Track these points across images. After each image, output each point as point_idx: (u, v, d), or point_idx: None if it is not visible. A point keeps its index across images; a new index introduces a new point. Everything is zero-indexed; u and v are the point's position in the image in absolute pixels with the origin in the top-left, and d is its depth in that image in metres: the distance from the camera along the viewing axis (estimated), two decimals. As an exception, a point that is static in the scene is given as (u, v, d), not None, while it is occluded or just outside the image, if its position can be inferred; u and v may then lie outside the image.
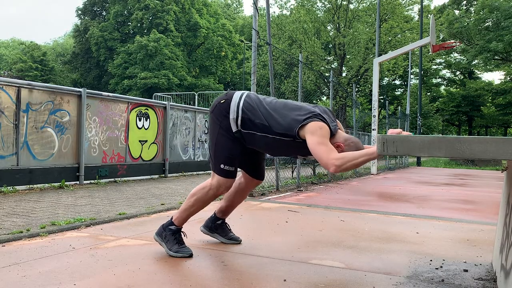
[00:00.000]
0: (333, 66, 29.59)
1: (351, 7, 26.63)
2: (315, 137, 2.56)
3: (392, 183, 9.79)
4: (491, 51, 28.43)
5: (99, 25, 39.68)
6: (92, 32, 39.21)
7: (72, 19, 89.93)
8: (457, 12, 35.96)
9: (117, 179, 7.64)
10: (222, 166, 2.80)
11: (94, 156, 7.27)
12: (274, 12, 53.55)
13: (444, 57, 40.26)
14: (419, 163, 22.90)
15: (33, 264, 2.55)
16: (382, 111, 25.79)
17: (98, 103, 7.38)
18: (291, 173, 9.55)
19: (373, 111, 12.49)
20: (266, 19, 7.19)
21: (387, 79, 36.74)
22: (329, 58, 31.26)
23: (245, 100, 2.81)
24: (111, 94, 7.88)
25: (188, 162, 9.96)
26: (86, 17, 42.19)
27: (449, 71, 44.30)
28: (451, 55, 40.28)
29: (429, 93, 43.06)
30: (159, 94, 19.74)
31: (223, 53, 41.56)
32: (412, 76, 31.18)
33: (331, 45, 29.19)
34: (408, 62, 26.61)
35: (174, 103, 10.07)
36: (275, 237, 3.52)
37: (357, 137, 14.29)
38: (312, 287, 2.34)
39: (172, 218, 2.94)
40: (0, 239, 3.04)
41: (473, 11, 34.48)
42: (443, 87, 45.85)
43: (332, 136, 2.65)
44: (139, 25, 39.86)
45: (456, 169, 18.99)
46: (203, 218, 3.64)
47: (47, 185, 6.37)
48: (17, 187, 5.89)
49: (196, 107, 11.86)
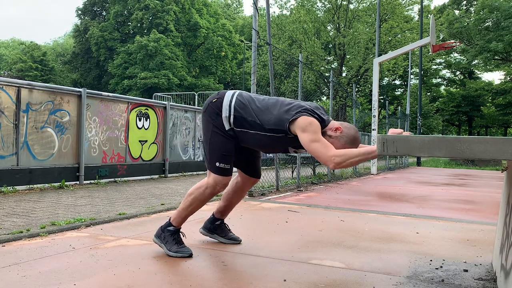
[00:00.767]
0: (333, 66, 29.60)
1: (351, 7, 26.64)
2: (307, 134, 2.57)
3: (392, 183, 9.79)
4: (491, 51, 28.44)
5: (99, 25, 39.69)
6: (92, 32, 39.22)
7: (72, 19, 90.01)
8: (457, 12, 35.97)
9: (117, 179, 7.64)
10: (217, 164, 2.81)
11: (94, 156, 7.27)
12: (274, 12, 53.56)
13: (444, 57, 40.27)
14: (419, 163, 22.90)
15: (33, 264, 2.55)
16: (382, 111, 25.80)
17: (98, 103, 7.38)
18: (291, 173, 9.55)
19: (373, 111, 12.48)
20: (266, 19, 7.19)
21: (387, 79, 36.75)
22: (329, 58, 31.27)
23: (237, 98, 2.83)
24: (111, 94, 7.88)
25: (188, 162, 9.96)
26: (86, 17, 42.20)
27: (449, 71, 44.32)
28: (451, 55, 40.30)
29: (429, 93, 43.06)
30: (159, 94, 19.74)
31: (223, 53, 41.56)
32: (412, 76, 31.18)
33: (331, 45, 29.19)
34: (408, 62, 26.63)
35: (174, 103, 10.07)
36: (275, 237, 3.52)
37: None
38: (312, 287, 2.34)
39: (170, 219, 2.93)
40: (0, 239, 3.04)
41: (473, 11, 34.49)
42: (443, 87, 45.86)
43: (325, 126, 2.68)
44: (139, 25, 39.86)
45: (456, 169, 18.99)
46: (202, 218, 3.64)
47: (47, 185, 6.37)
48: (17, 187, 5.88)
49: (196, 107, 11.85)
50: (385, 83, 39.50)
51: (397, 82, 42.23)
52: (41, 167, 6.32)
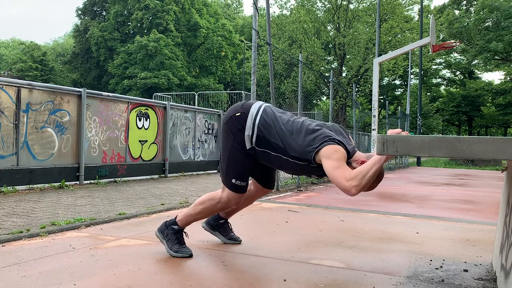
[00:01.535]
0: (333, 66, 29.60)
1: (351, 7, 26.64)
2: (331, 161, 2.45)
3: (392, 183, 9.79)
4: (491, 51, 28.43)
5: (99, 25, 39.68)
6: (92, 32, 39.21)
7: (72, 19, 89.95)
8: (457, 12, 35.97)
9: (117, 179, 7.64)
10: (233, 181, 2.75)
11: (94, 156, 7.27)
12: (274, 12, 53.56)
13: (444, 57, 40.26)
14: (419, 163, 22.89)
15: (33, 264, 2.55)
16: (382, 111, 25.78)
17: (98, 103, 7.38)
18: (291, 173, 9.53)
19: (373, 111, 12.47)
20: (266, 19, 7.19)
21: (387, 79, 36.74)
22: (329, 58, 31.27)
23: (261, 116, 2.70)
24: (111, 94, 7.88)
25: (188, 162, 9.96)
26: (86, 17, 42.19)
27: (449, 71, 44.30)
28: (451, 55, 40.28)
29: (429, 93, 43.05)
30: (159, 94, 19.72)
31: (223, 53, 41.55)
32: (412, 76, 31.18)
33: (331, 45, 29.19)
34: (408, 62, 26.62)
35: (174, 103, 10.06)
36: (275, 237, 3.52)
37: (357, 137, 14.33)
38: (312, 287, 2.34)
39: (176, 217, 2.92)
40: (0, 239, 3.04)
41: (473, 11, 34.48)
42: (443, 87, 45.84)
43: (350, 157, 2.56)
44: (139, 25, 39.85)
45: (456, 169, 18.98)
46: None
47: (47, 185, 6.37)
48: (17, 187, 5.88)
49: (196, 107, 11.86)
50: (385, 83, 39.49)
51: (397, 82, 42.21)
52: (41, 167, 6.32)
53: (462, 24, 30.14)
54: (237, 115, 2.73)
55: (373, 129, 12.50)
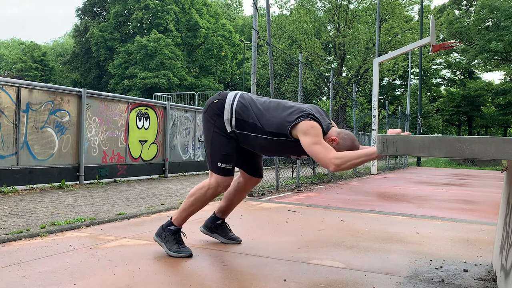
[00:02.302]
0: (333, 66, 29.58)
1: (351, 7, 26.62)
2: (309, 137, 2.57)
3: (392, 183, 9.79)
4: (491, 51, 28.45)
5: (99, 25, 39.69)
6: (92, 32, 39.22)
7: (72, 19, 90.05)
8: (457, 12, 35.99)
9: (117, 179, 7.64)
10: (219, 164, 2.82)
11: (94, 156, 7.27)
12: (274, 12, 53.59)
13: (444, 57, 40.28)
14: (419, 163, 22.90)
15: (33, 264, 2.55)
16: (382, 111, 25.80)
17: (98, 103, 7.38)
18: (291, 173, 9.55)
19: (373, 111, 12.48)
20: (266, 19, 7.19)
21: (387, 79, 36.74)
22: (329, 58, 31.25)
23: (238, 100, 2.82)
24: (111, 94, 7.88)
25: (188, 162, 9.96)
26: (86, 17, 42.22)
27: (449, 71, 44.32)
28: (451, 55, 40.30)
29: (429, 93, 43.07)
30: (159, 94, 19.73)
31: (223, 53, 41.57)
32: (412, 76, 31.19)
33: (331, 45, 29.18)
34: (408, 62, 26.63)
35: (174, 103, 10.06)
36: (275, 237, 3.52)
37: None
38: (312, 287, 2.34)
39: (171, 218, 2.93)
40: (0, 239, 3.04)
41: (473, 11, 34.51)
42: (443, 87, 45.86)
43: (325, 134, 2.67)
44: (139, 25, 39.87)
45: (456, 169, 18.98)
46: (203, 218, 3.64)
47: (47, 185, 6.37)
48: (17, 187, 5.88)
49: (196, 107, 11.85)
50: (385, 83, 39.50)
51: (397, 82, 42.23)
52: (41, 167, 6.32)
53: (462, 24, 30.16)
54: (215, 102, 2.87)
55: (373, 129, 12.51)
